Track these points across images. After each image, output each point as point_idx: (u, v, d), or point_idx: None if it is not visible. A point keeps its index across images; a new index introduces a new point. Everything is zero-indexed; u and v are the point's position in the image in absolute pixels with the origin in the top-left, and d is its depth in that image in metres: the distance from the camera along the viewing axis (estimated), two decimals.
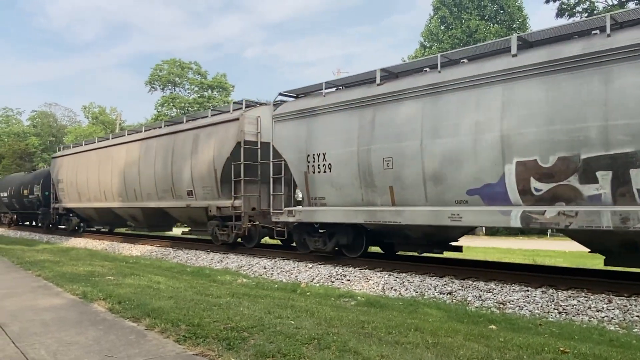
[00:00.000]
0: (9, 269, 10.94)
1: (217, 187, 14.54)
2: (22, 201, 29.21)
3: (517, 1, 36.90)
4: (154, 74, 56.28)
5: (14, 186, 30.77)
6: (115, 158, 19.56)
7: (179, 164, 15.91)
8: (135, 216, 19.31)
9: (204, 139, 15.17)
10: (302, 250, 12.75)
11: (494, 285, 8.81)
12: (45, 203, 26.21)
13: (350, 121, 10.74)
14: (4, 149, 60.67)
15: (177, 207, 16.28)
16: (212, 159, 14.64)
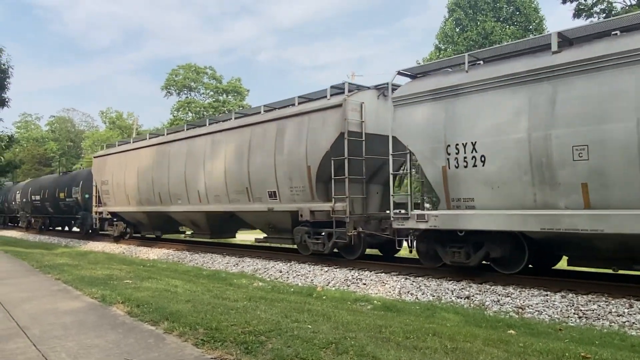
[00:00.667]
0: (29, 273, 11.09)
1: (311, 187, 12.31)
2: (58, 204, 27.67)
3: (534, 2, 36.54)
4: (169, 79, 56.74)
5: (48, 188, 29.19)
6: (172, 156, 17.38)
7: (258, 160, 13.65)
8: (196, 221, 17.12)
9: (292, 131, 12.87)
10: (429, 263, 10.55)
11: (512, 290, 8.72)
12: (85, 206, 24.59)
13: (513, 100, 8.58)
14: (23, 154, 61.62)
15: (253, 210, 14.06)
16: (303, 154, 12.39)
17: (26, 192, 32.83)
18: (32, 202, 31.42)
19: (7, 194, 38.97)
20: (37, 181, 34.08)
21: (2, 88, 19.71)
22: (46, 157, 68.62)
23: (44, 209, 30.11)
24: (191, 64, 57.14)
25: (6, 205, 39.17)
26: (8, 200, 38.02)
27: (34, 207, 31.63)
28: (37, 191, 30.89)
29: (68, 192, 26.38)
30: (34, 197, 30.97)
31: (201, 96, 57.27)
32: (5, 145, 21.91)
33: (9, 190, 39.26)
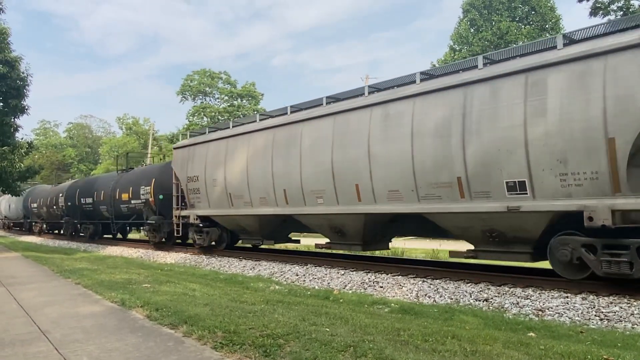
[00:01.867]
0: (50, 278, 11.25)
1: (614, 171, 7.69)
2: (119, 208, 23.33)
3: (549, 1, 36.22)
4: (185, 85, 57.24)
5: (106, 189, 24.72)
6: (308, 139, 12.79)
7: (486, 137, 9.08)
8: (344, 227, 12.30)
9: (563, 86, 8.20)
10: None
11: (531, 292, 8.62)
12: (161, 210, 20.10)
13: None
14: (42, 160, 62.58)
15: (468, 212, 9.50)
16: (599, 119, 7.74)
17: (72, 195, 28.53)
18: (82, 206, 27.01)
19: (48, 197, 33.80)
20: (88, 181, 29.42)
21: (21, 96, 20.00)
22: (64, 163, 69.61)
23: (99, 215, 25.93)
24: (206, 69, 57.61)
25: (44, 210, 34.64)
26: (48, 204, 33.25)
27: (83, 211, 27.53)
28: (88, 193, 26.46)
29: (134, 192, 22.07)
30: (85, 199, 26.61)
31: (216, 101, 57.70)
32: (25, 152, 22.19)
33: (49, 192, 34.28)
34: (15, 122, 20.51)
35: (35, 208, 36.63)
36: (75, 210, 28.31)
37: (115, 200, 23.43)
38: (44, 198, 34.59)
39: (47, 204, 33.71)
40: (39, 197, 36.13)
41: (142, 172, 22.80)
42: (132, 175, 23.40)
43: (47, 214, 34.32)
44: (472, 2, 38.03)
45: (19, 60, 19.78)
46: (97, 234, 27.08)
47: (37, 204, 36.20)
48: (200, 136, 17.52)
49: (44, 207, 34.42)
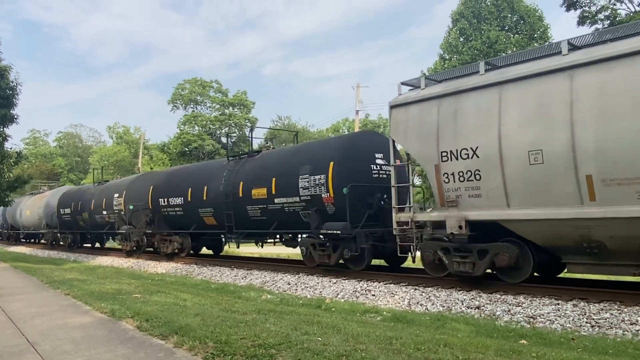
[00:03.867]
0: (39, 288, 11.12)
1: None
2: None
3: (538, 11, 36.62)
4: (176, 93, 57.22)
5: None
6: None
7: None
8: None
9: None
10: None
11: (523, 299, 8.64)
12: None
13: None
14: (32, 170, 62.08)
15: None
16: None
17: (156, 196, 20.46)
18: (165, 214, 19.02)
19: (80, 201, 26.55)
20: (181, 171, 20.18)
21: (10, 105, 19.85)
22: (54, 172, 69.09)
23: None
24: (197, 78, 57.69)
25: (83, 220, 26.23)
26: (92, 210, 25.01)
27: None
28: (174, 191, 18.37)
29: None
30: (172, 200, 18.34)
31: (207, 109, 57.67)
32: (14, 161, 21.99)
33: (80, 196, 26.95)
34: (4, 132, 20.34)
35: (68, 215, 27.65)
36: (165, 221, 20.66)
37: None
38: (80, 202, 26.52)
39: (90, 209, 25.30)
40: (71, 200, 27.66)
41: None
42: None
43: (90, 221, 25.75)
44: (461, 11, 38.36)
45: (8, 69, 19.67)
46: (194, 250, 20.81)
47: (71, 209, 27.22)
48: (475, 77, 9.71)
49: (81, 216, 26.37)
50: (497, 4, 36.98)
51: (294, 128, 57.05)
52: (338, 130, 59.95)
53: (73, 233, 27.75)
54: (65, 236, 28.68)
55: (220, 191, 15.84)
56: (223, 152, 51.37)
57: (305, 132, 56.68)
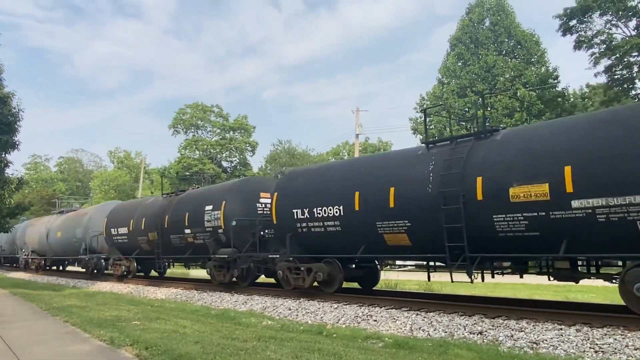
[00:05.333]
0: (37, 315, 11.04)
1: None
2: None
3: (534, 36, 37.13)
4: (177, 118, 57.65)
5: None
6: None
7: None
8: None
9: None
10: None
11: (525, 324, 8.57)
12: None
13: None
14: (32, 195, 62.13)
15: None
16: None
17: None
18: (303, 231, 14.01)
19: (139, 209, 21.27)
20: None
21: (12, 132, 19.98)
22: (55, 197, 69.11)
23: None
24: (198, 102, 58.26)
25: None
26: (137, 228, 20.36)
27: (305, 238, 13.86)
28: (323, 198, 13.24)
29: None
30: (319, 211, 12.91)
31: (208, 134, 58.01)
32: (15, 187, 22.03)
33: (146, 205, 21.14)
34: (6, 158, 20.43)
35: (124, 237, 21.56)
36: None
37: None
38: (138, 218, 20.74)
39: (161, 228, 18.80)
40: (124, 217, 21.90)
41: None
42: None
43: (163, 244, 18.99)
44: (459, 36, 38.92)
45: (10, 96, 19.85)
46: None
47: (129, 229, 21.04)
48: None
49: None
50: (494, 30, 37.55)
51: (294, 152, 57.29)
52: (338, 154, 60.16)
53: (130, 259, 21.60)
54: (117, 263, 22.34)
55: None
56: (224, 177, 51.50)
57: (306, 156, 56.90)
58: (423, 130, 38.81)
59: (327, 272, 12.43)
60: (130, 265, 21.77)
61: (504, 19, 37.52)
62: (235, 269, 15.37)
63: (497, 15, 37.88)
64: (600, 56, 30.01)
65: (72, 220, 27.61)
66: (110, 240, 22.77)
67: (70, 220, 27.99)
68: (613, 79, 30.44)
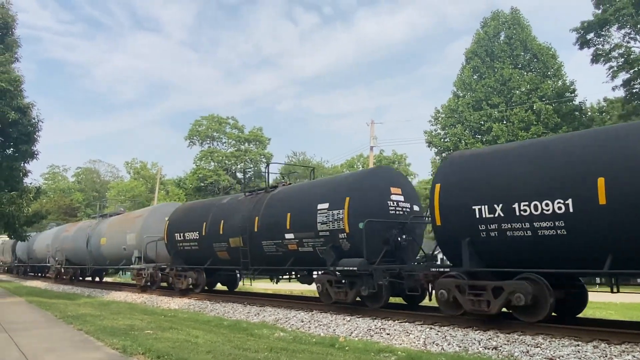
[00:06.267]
0: (52, 323, 11.13)
1: None
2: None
3: (551, 49, 36.91)
4: (193, 129, 58.19)
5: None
6: None
7: None
8: None
9: None
10: None
11: (541, 340, 8.42)
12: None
13: None
14: (50, 205, 62.94)
15: None
16: None
17: None
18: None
19: None
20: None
21: (31, 142, 20.35)
22: (72, 207, 69.95)
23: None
24: (214, 114, 58.71)
25: None
26: None
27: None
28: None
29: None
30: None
31: (223, 145, 58.42)
32: (33, 196, 22.37)
33: None
34: (25, 167, 20.78)
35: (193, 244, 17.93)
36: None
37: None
38: None
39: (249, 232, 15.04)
40: None
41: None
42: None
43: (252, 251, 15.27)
44: (475, 50, 38.86)
45: (30, 106, 20.23)
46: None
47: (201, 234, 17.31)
48: None
49: None
50: (510, 43, 37.43)
51: (309, 164, 57.41)
52: (352, 166, 60.17)
53: (199, 271, 17.88)
54: (182, 274, 18.52)
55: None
56: (238, 188, 51.71)
57: (320, 168, 57.01)
58: (438, 142, 38.77)
59: (531, 294, 8.74)
60: (198, 278, 17.97)
61: (519, 32, 37.40)
62: (364, 285, 11.47)
63: (512, 28, 37.78)
64: (618, 70, 29.74)
65: (121, 225, 23.71)
66: (173, 248, 19.01)
67: (119, 224, 24.15)
68: (631, 92, 30.12)
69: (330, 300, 12.75)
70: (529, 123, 34.13)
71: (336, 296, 12.45)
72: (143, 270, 20.83)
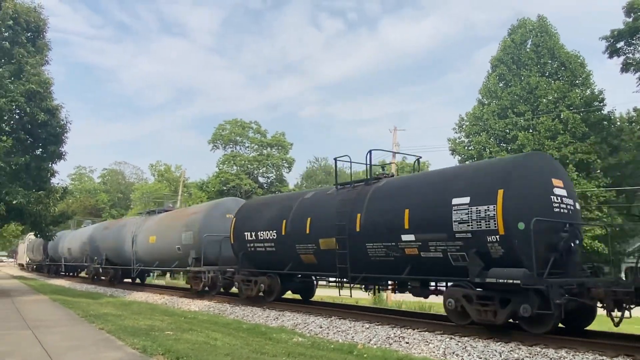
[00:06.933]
0: (75, 322, 11.30)
1: None
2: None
3: (579, 58, 36.26)
4: (217, 134, 58.72)
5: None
6: None
7: None
8: None
9: None
10: None
11: (565, 353, 8.23)
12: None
13: None
14: (76, 205, 64.11)
15: None
16: None
17: None
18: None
19: None
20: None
21: (59, 143, 20.76)
22: (97, 208, 71.17)
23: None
24: (237, 119, 59.18)
25: None
26: None
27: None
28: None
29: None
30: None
31: (246, 150, 58.81)
32: (59, 196, 22.79)
33: None
34: (52, 168, 21.19)
35: (268, 245, 15.21)
36: None
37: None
38: None
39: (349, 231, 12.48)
40: None
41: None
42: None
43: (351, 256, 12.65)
44: (501, 57, 38.42)
45: (59, 108, 20.65)
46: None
47: (282, 232, 14.64)
48: None
49: None
50: (537, 51, 36.91)
51: (331, 170, 57.42)
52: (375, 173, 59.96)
53: (272, 276, 15.28)
54: (251, 279, 15.88)
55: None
56: (260, 192, 51.99)
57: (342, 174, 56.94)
58: (462, 150, 38.37)
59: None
60: (272, 284, 15.28)
61: (547, 40, 36.84)
62: (527, 303, 8.83)
63: (540, 36, 37.24)
64: None
65: (174, 222, 21.27)
66: (241, 248, 16.28)
67: (171, 221, 21.74)
68: None
69: (465, 320, 10.17)
70: (556, 132, 33.56)
71: (478, 316, 9.70)
72: (202, 274, 18.33)
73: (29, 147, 20.35)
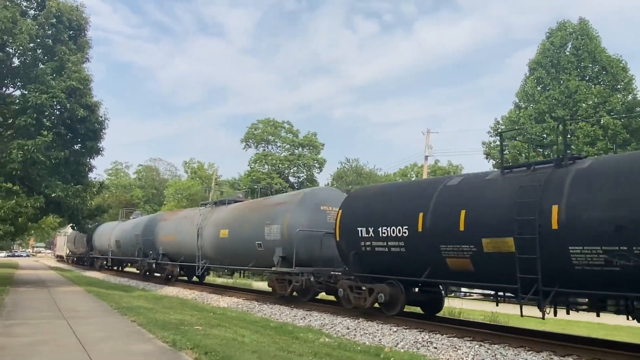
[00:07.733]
0: (107, 313, 11.57)
1: None
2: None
3: (621, 62, 35.19)
4: (249, 132, 59.30)
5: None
6: None
7: None
8: None
9: None
10: None
11: None
12: None
13: None
14: (111, 200, 65.58)
15: None
16: None
17: None
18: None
19: None
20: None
21: (97, 138, 21.30)
22: (132, 203, 72.67)
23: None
24: (270, 118, 59.61)
25: None
26: None
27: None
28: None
29: None
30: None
31: (277, 149, 59.18)
32: (96, 190, 23.38)
33: None
34: (90, 163, 21.75)
35: (394, 245, 12.07)
36: None
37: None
38: None
39: None
40: None
41: None
42: None
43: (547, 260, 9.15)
44: (539, 60, 37.61)
45: (98, 105, 21.17)
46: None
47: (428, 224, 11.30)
48: None
49: None
50: (577, 54, 35.99)
51: (362, 171, 57.23)
52: (406, 175, 59.51)
53: (394, 284, 12.24)
54: (364, 287, 12.95)
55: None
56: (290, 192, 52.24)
57: (373, 175, 56.69)
58: (497, 154, 37.69)
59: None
60: (395, 294, 12.25)
61: (587, 43, 35.86)
62: None
63: (580, 39, 36.28)
64: None
65: (254, 214, 18.33)
66: (351, 248, 13.19)
67: (249, 213, 18.78)
68: None
69: None
70: (595, 138, 32.64)
71: None
72: (293, 276, 15.55)
73: (68, 142, 20.90)
